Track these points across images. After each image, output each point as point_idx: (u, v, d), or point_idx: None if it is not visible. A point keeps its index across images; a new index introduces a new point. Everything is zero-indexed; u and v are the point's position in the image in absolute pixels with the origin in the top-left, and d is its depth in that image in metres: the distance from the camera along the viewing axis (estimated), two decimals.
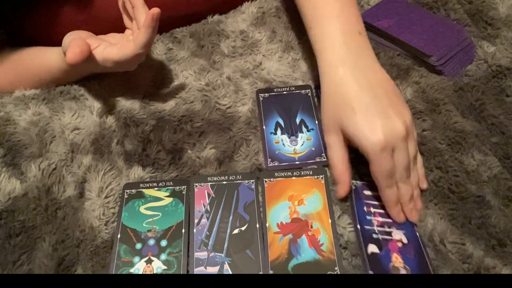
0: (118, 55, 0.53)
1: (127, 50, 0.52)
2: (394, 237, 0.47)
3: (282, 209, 0.50)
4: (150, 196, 0.51)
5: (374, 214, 0.49)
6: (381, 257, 0.46)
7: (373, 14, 0.67)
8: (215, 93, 0.61)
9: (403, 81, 0.60)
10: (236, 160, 0.54)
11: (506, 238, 0.46)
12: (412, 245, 0.47)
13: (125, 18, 0.59)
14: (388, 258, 0.46)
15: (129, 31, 0.59)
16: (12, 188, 0.51)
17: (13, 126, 0.56)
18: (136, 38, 0.52)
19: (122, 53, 0.53)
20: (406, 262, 0.45)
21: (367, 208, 0.49)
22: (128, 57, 0.53)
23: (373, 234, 0.47)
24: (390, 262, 0.45)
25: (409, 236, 0.47)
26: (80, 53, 0.50)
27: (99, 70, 0.58)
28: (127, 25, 0.59)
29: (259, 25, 0.69)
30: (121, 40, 0.57)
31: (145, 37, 0.51)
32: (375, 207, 0.50)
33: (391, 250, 0.46)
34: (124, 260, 0.46)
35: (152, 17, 0.50)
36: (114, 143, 0.55)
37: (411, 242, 0.47)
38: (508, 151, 0.53)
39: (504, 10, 0.67)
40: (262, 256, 0.46)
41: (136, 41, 0.52)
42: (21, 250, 0.47)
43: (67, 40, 0.54)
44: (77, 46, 0.50)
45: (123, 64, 0.54)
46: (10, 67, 0.61)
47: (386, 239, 0.47)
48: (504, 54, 0.62)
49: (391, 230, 0.48)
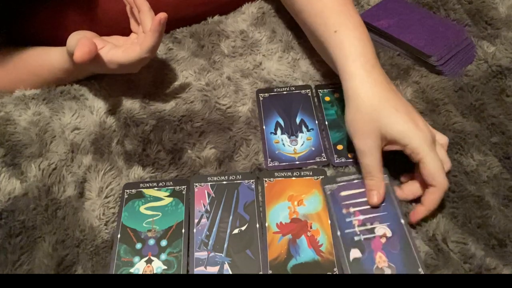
0: (124, 58, 0.53)
1: (133, 53, 0.53)
2: (377, 234, 0.47)
3: (281, 209, 0.50)
4: (150, 196, 0.51)
5: (354, 213, 0.48)
6: (364, 260, 0.45)
7: (373, 14, 0.67)
8: (215, 93, 0.61)
9: (403, 81, 0.60)
10: (236, 160, 0.54)
11: (506, 238, 0.46)
12: (397, 237, 0.46)
13: (132, 22, 0.59)
14: (372, 260, 0.45)
15: (134, 35, 0.58)
16: (12, 188, 0.51)
17: (13, 126, 0.56)
18: (142, 42, 0.52)
19: (127, 56, 0.53)
20: (390, 260, 0.45)
21: (346, 209, 0.49)
22: (133, 60, 0.53)
23: (354, 237, 0.46)
24: (374, 264, 0.45)
25: (393, 228, 0.47)
26: (88, 52, 0.50)
27: (102, 71, 0.58)
28: (133, 29, 0.59)
29: (259, 25, 0.69)
30: (126, 43, 0.57)
31: (151, 41, 0.52)
32: (355, 205, 0.49)
33: (374, 250, 0.46)
34: (124, 260, 0.47)
35: (159, 21, 0.50)
36: (114, 143, 0.55)
37: (396, 234, 0.46)
38: (508, 151, 0.53)
39: (504, 10, 0.67)
40: (262, 256, 0.46)
41: (143, 45, 0.52)
42: (21, 250, 0.47)
43: (72, 39, 0.54)
44: (85, 45, 0.50)
45: (127, 67, 0.55)
46: (12, 66, 0.61)
47: (368, 238, 0.46)
48: (504, 54, 0.62)
49: (374, 226, 0.47)
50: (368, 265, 0.45)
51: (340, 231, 0.47)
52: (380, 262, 0.45)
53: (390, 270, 0.44)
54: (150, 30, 0.51)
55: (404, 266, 0.44)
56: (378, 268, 0.44)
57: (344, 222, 0.48)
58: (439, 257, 0.46)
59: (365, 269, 0.44)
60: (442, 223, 0.47)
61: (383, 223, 0.47)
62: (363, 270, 0.44)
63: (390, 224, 0.47)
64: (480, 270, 0.44)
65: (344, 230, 0.47)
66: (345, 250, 0.46)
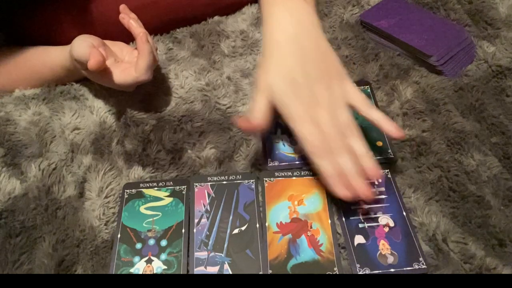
0: (120, 79, 0.54)
1: (129, 76, 0.53)
2: (380, 223, 0.48)
3: (282, 209, 0.50)
4: (150, 196, 0.51)
5: (358, 202, 0.50)
6: (368, 247, 0.46)
7: (373, 14, 0.67)
8: (215, 93, 0.61)
9: (403, 81, 0.60)
10: (236, 160, 0.54)
11: (506, 238, 0.46)
12: (399, 227, 0.48)
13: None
14: (375, 246, 0.46)
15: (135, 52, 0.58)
16: (12, 188, 0.51)
17: (13, 126, 0.56)
18: (136, 65, 0.52)
19: (124, 78, 0.54)
20: (393, 248, 0.46)
21: None
22: (129, 83, 0.54)
23: (359, 224, 0.48)
24: (378, 250, 0.46)
25: (396, 219, 0.48)
26: (103, 62, 0.50)
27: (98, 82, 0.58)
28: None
29: (259, 25, 0.69)
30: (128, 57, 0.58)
31: (144, 63, 0.52)
32: None
33: (378, 237, 0.47)
34: (124, 260, 0.47)
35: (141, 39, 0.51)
36: (114, 143, 0.55)
37: (398, 225, 0.48)
38: (508, 151, 0.53)
39: (504, 10, 0.67)
40: (262, 256, 0.46)
41: (137, 68, 0.52)
42: (21, 250, 0.47)
43: (78, 44, 0.53)
44: (99, 54, 0.50)
45: (123, 87, 0.56)
46: (13, 65, 0.61)
47: (372, 226, 0.48)
48: (504, 54, 0.62)
49: (378, 216, 0.49)
50: (372, 251, 0.46)
51: (344, 218, 0.49)
52: (383, 249, 0.46)
53: (393, 257, 0.46)
54: (138, 52, 0.52)
55: (406, 255, 0.46)
56: (381, 254, 0.46)
57: (349, 209, 0.49)
58: (439, 257, 0.46)
59: (369, 255, 0.46)
60: (442, 223, 0.47)
61: (386, 213, 0.49)
62: (367, 256, 0.46)
63: (392, 215, 0.49)
64: (480, 270, 0.44)
65: (349, 217, 0.49)
66: (350, 235, 0.47)
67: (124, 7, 0.56)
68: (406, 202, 0.50)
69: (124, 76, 0.53)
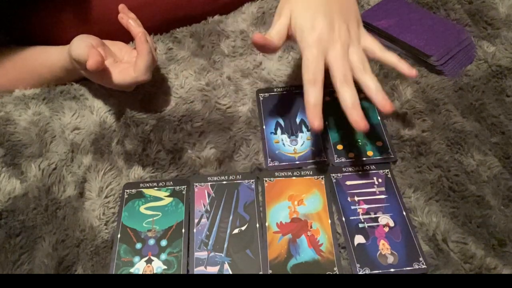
0: (118, 79, 0.54)
1: (128, 76, 0.53)
2: (380, 223, 0.48)
3: (281, 209, 0.50)
4: (150, 196, 0.51)
5: (358, 202, 0.50)
6: (368, 247, 0.46)
7: (373, 14, 0.67)
8: (215, 93, 0.61)
9: (403, 81, 0.60)
10: (236, 160, 0.54)
11: (506, 238, 0.46)
12: (399, 227, 0.48)
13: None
14: (375, 246, 0.46)
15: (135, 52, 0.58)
16: (12, 188, 0.51)
17: (13, 126, 0.56)
18: (135, 65, 0.53)
19: (122, 78, 0.54)
20: (393, 248, 0.46)
21: (351, 197, 0.50)
22: (127, 83, 0.54)
23: (359, 224, 0.48)
24: (378, 250, 0.46)
25: (396, 218, 0.48)
26: (102, 62, 0.50)
27: (97, 82, 0.58)
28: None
29: (259, 25, 0.69)
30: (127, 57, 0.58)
31: (143, 64, 0.52)
32: (359, 195, 0.50)
33: (378, 237, 0.47)
34: (124, 260, 0.47)
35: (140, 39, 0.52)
36: (114, 143, 0.55)
37: (398, 225, 0.48)
38: (508, 151, 0.53)
39: (504, 10, 0.67)
40: (262, 256, 0.46)
41: (136, 68, 0.52)
42: (21, 250, 0.47)
43: (77, 44, 0.53)
44: (98, 55, 0.50)
45: (121, 87, 0.56)
46: (12, 65, 0.61)
47: (372, 226, 0.48)
48: (504, 54, 0.62)
49: (378, 216, 0.49)
50: (372, 251, 0.46)
51: (344, 218, 0.48)
52: (383, 249, 0.46)
53: (393, 257, 0.46)
54: (137, 52, 0.52)
55: (406, 255, 0.46)
56: (381, 254, 0.46)
57: (349, 209, 0.49)
58: (439, 257, 0.46)
59: (369, 255, 0.46)
60: (442, 223, 0.47)
61: (386, 213, 0.49)
62: (367, 256, 0.46)
63: (392, 215, 0.49)
64: (480, 270, 0.44)
65: (349, 217, 0.49)
66: (350, 235, 0.47)
67: (123, 7, 0.56)
68: (406, 202, 0.50)
69: (123, 76, 0.53)
